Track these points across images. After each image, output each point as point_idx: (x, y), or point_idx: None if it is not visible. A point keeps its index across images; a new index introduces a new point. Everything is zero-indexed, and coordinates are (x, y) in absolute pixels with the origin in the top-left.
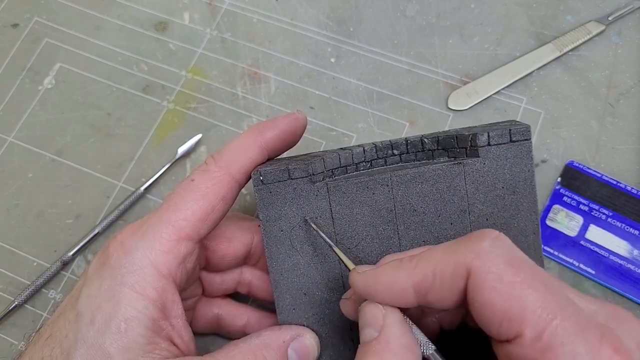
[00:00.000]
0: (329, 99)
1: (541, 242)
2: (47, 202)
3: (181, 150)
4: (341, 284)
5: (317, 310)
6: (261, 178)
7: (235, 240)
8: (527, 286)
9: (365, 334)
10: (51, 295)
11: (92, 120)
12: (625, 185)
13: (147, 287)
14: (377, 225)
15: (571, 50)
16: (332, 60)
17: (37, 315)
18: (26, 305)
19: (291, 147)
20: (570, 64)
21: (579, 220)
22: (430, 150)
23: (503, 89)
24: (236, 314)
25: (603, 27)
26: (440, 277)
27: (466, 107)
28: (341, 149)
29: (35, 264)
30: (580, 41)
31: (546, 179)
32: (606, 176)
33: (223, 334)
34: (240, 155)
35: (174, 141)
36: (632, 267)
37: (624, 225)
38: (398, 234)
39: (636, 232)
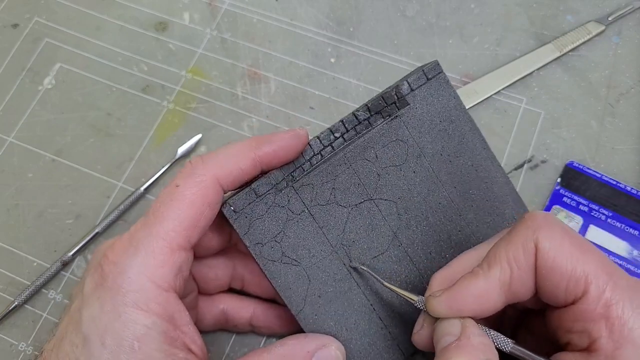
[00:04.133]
0: (329, 99)
1: (493, 153)
2: (47, 202)
3: (181, 150)
4: (346, 271)
5: (337, 307)
6: (232, 207)
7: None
8: (585, 250)
9: (444, 341)
10: (51, 295)
11: (92, 120)
12: (625, 186)
13: (151, 303)
14: (353, 201)
15: (571, 50)
16: (332, 60)
17: (37, 316)
18: (26, 306)
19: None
20: (570, 64)
21: (578, 220)
22: (365, 119)
23: (503, 89)
24: (242, 307)
25: (603, 27)
26: (515, 263)
27: (466, 107)
28: None
29: (35, 264)
30: (580, 41)
31: (546, 179)
32: (606, 176)
33: (230, 329)
34: (230, 162)
35: (174, 141)
36: (632, 267)
37: (623, 225)
38: (374, 202)
39: (636, 233)
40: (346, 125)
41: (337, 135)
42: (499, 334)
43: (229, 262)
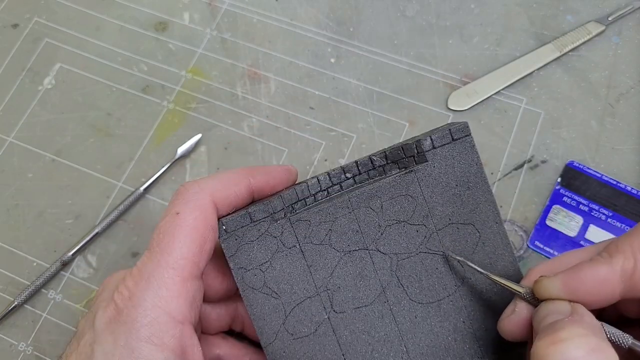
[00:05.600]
0: (329, 99)
1: (505, 229)
2: (47, 202)
3: (181, 150)
4: (324, 316)
5: (307, 349)
6: (224, 227)
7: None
8: None
9: (551, 317)
10: (51, 295)
11: (92, 120)
12: (625, 186)
13: (165, 337)
14: (347, 248)
15: (571, 50)
16: (332, 60)
17: (37, 316)
18: (26, 306)
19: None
20: (570, 64)
21: (578, 220)
22: (380, 166)
23: (503, 89)
24: (237, 355)
25: (603, 27)
26: None
27: (466, 108)
28: (297, 183)
29: (35, 264)
30: (580, 41)
31: (546, 179)
32: (606, 176)
33: None
34: (227, 186)
35: (173, 141)
36: None
37: (624, 225)
38: (369, 252)
39: None
40: (360, 168)
41: (348, 175)
42: (615, 329)
43: (232, 303)
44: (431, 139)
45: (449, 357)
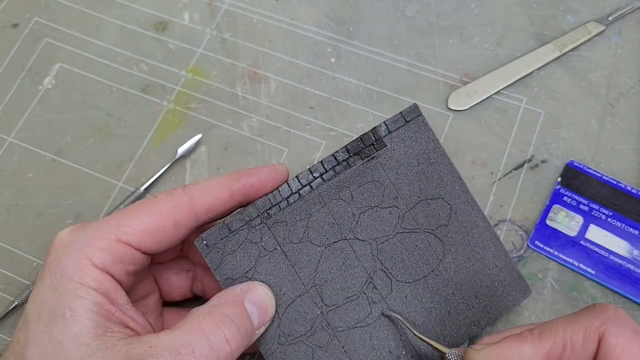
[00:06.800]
0: (329, 99)
1: (473, 197)
2: (47, 202)
3: (181, 150)
4: (317, 311)
5: (306, 348)
6: (205, 242)
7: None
8: None
9: None
10: None
11: (92, 120)
12: (625, 185)
13: (86, 277)
14: (326, 241)
15: (571, 50)
16: (332, 60)
17: None
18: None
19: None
20: (570, 64)
21: (579, 220)
22: (344, 160)
23: (503, 89)
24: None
25: (603, 27)
26: (571, 345)
27: (466, 107)
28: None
29: (35, 264)
30: (580, 41)
31: (546, 179)
32: (606, 176)
33: None
34: (208, 192)
35: (174, 141)
36: (632, 267)
37: (624, 225)
38: (348, 242)
39: (636, 232)
40: (325, 166)
41: (315, 175)
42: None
43: (190, 265)
44: (385, 125)
45: (446, 330)
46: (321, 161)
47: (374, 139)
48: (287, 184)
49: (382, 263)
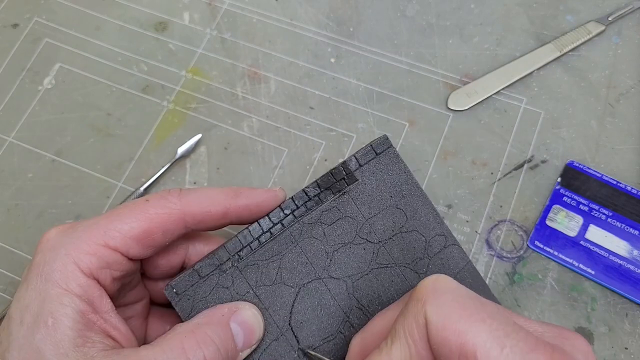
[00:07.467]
0: (329, 99)
1: (448, 228)
2: (47, 202)
3: (181, 150)
4: (295, 355)
5: None
6: (174, 290)
7: (170, 252)
8: (475, 320)
9: None
10: None
11: (92, 120)
12: (625, 185)
13: (71, 283)
14: (300, 281)
15: (571, 50)
16: (332, 60)
17: None
18: None
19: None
20: (570, 64)
21: (578, 220)
22: (315, 195)
23: (503, 89)
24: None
25: (603, 27)
26: (411, 339)
27: (466, 107)
28: (240, 232)
29: None
30: (580, 41)
31: (546, 179)
32: (606, 176)
33: None
34: (203, 204)
35: (174, 141)
36: (632, 267)
37: (624, 225)
38: (322, 281)
39: (636, 232)
40: (296, 202)
41: (287, 212)
42: None
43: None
44: (356, 158)
45: None
46: (292, 197)
47: (344, 173)
48: (258, 222)
49: (359, 301)
